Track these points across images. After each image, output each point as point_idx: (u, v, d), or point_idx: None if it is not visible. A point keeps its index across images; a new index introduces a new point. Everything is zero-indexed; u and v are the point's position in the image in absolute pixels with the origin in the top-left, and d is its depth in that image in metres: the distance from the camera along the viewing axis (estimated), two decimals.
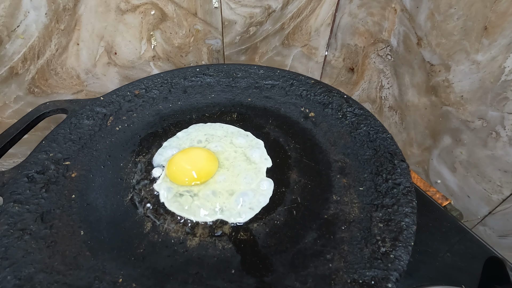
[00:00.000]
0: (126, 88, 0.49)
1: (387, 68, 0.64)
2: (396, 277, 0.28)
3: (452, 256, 0.34)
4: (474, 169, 0.54)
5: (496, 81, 0.46)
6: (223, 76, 0.53)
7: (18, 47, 0.46)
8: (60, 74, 0.52)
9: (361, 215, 0.34)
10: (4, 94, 0.49)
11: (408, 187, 0.34)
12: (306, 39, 0.71)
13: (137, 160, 0.41)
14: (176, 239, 0.32)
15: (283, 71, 0.52)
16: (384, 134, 0.41)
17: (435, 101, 0.56)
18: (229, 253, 0.31)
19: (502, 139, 0.49)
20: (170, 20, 0.54)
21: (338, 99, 0.47)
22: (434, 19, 0.52)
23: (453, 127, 0.55)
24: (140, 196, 0.36)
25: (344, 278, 0.29)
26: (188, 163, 0.38)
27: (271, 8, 0.61)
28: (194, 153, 0.39)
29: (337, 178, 0.38)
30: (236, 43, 0.64)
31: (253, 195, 0.36)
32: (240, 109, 0.49)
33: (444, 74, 0.53)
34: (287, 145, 0.43)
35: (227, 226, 0.33)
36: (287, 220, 0.34)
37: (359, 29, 0.67)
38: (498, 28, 0.44)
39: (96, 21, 0.49)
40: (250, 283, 0.29)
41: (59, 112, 0.46)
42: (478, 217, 0.57)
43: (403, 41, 0.59)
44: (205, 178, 0.37)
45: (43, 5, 0.44)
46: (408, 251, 0.29)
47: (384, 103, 0.68)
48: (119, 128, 0.45)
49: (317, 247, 0.31)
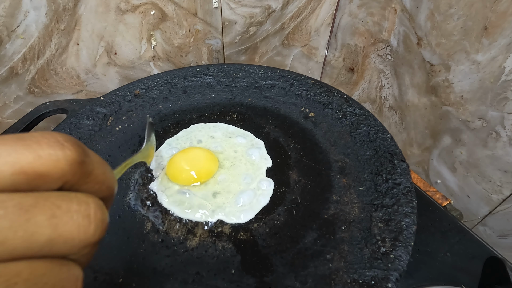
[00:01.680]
0: (126, 88, 0.49)
1: (387, 68, 0.64)
2: (396, 277, 0.28)
3: (452, 256, 0.34)
4: (474, 169, 0.54)
5: (496, 81, 0.46)
6: (223, 76, 0.53)
7: (18, 47, 0.46)
8: (60, 74, 0.52)
9: (361, 215, 0.34)
10: (4, 94, 0.49)
11: (408, 187, 0.34)
12: (306, 39, 0.71)
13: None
14: (176, 239, 0.32)
15: (283, 71, 0.52)
16: (384, 134, 0.41)
17: (435, 101, 0.56)
18: (229, 253, 0.31)
19: (502, 139, 0.49)
20: (170, 20, 0.54)
21: (338, 99, 0.47)
22: (434, 19, 0.52)
23: (453, 127, 0.55)
24: (140, 196, 0.36)
25: (344, 278, 0.29)
26: (189, 163, 0.38)
27: (271, 8, 0.61)
28: (194, 153, 0.39)
29: (337, 178, 0.38)
30: (236, 43, 0.64)
31: (253, 195, 0.36)
32: (240, 109, 0.49)
33: (444, 74, 0.53)
34: (287, 145, 0.43)
35: (227, 226, 0.33)
36: (287, 220, 0.34)
37: (359, 29, 0.67)
38: (498, 28, 0.44)
39: (96, 21, 0.49)
40: (250, 283, 0.29)
41: (59, 112, 0.46)
42: (478, 217, 0.57)
43: (403, 41, 0.59)
44: (205, 178, 0.37)
45: (43, 5, 0.44)
46: (408, 251, 0.29)
47: (384, 103, 0.68)
48: (119, 128, 0.45)
49: (317, 247, 0.31)
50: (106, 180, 0.15)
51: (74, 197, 0.13)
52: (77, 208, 0.13)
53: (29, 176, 0.12)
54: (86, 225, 0.13)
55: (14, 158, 0.12)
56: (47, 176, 0.12)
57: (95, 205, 0.14)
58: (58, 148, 0.13)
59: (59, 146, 0.13)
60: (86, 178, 0.14)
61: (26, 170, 0.12)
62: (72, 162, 0.13)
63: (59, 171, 0.13)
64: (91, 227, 0.13)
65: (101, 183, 0.15)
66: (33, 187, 0.12)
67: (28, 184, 0.12)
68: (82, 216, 0.13)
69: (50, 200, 0.12)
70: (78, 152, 0.13)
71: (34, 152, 0.12)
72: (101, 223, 0.13)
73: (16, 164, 0.12)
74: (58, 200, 0.13)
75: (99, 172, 0.15)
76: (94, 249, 0.14)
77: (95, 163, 0.14)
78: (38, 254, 0.12)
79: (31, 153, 0.12)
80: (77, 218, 0.13)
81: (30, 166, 0.12)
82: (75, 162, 0.13)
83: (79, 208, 0.13)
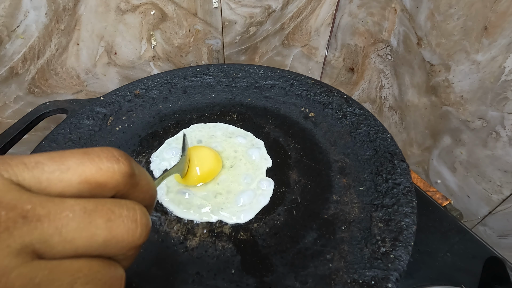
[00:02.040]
0: (126, 88, 0.49)
1: (387, 68, 0.64)
2: (396, 277, 0.28)
3: (452, 256, 0.35)
4: (474, 169, 0.54)
5: (496, 81, 0.46)
6: (223, 76, 0.53)
7: (18, 47, 0.46)
8: (60, 74, 0.52)
9: (361, 215, 0.34)
10: (4, 94, 0.49)
11: (408, 187, 0.34)
12: (306, 39, 0.71)
13: (137, 160, 0.41)
14: (176, 239, 0.32)
15: (283, 71, 0.52)
16: (384, 134, 0.41)
17: (435, 101, 0.56)
18: (229, 253, 0.31)
19: (502, 139, 0.49)
20: (170, 20, 0.54)
21: (338, 99, 0.47)
22: (434, 19, 0.52)
23: (453, 127, 0.55)
24: None
25: (344, 278, 0.29)
26: (195, 163, 0.37)
27: (271, 8, 0.61)
28: (201, 153, 0.39)
29: (337, 178, 0.38)
30: (236, 43, 0.64)
31: (253, 195, 0.36)
32: (240, 109, 0.49)
33: (444, 74, 0.53)
34: (287, 145, 0.43)
35: (227, 226, 0.33)
36: (287, 220, 0.34)
37: (359, 29, 0.67)
38: (498, 28, 0.44)
39: (96, 21, 0.49)
40: (250, 283, 0.29)
41: (59, 112, 0.46)
42: (478, 217, 0.57)
43: (403, 41, 0.59)
44: (209, 178, 0.37)
45: (43, 5, 0.44)
46: (408, 251, 0.29)
47: (384, 103, 0.68)
48: (119, 128, 0.45)
49: (317, 247, 0.31)
50: (149, 190, 0.17)
51: (124, 204, 0.15)
52: (127, 213, 0.15)
53: (91, 185, 0.14)
54: (134, 229, 0.15)
55: (81, 170, 0.14)
56: (105, 186, 0.15)
57: (141, 211, 0.15)
58: (114, 162, 0.15)
59: (115, 160, 0.15)
60: (134, 188, 0.16)
61: (89, 180, 0.14)
62: (125, 175, 0.15)
63: (115, 181, 0.15)
64: (137, 231, 0.15)
65: (146, 193, 0.17)
66: (93, 195, 0.14)
67: (89, 192, 0.14)
68: (131, 221, 0.15)
69: (107, 205, 0.14)
70: (130, 166, 0.15)
71: (96, 165, 0.14)
72: (145, 227, 0.15)
73: (82, 175, 0.14)
74: (112, 206, 0.14)
75: (144, 183, 0.17)
76: (137, 251, 0.16)
77: (141, 175, 0.16)
78: (95, 253, 0.14)
79: (94, 166, 0.14)
80: (127, 222, 0.14)
81: (93, 176, 0.14)
82: (127, 174, 0.15)
83: (128, 214, 0.15)
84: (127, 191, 0.16)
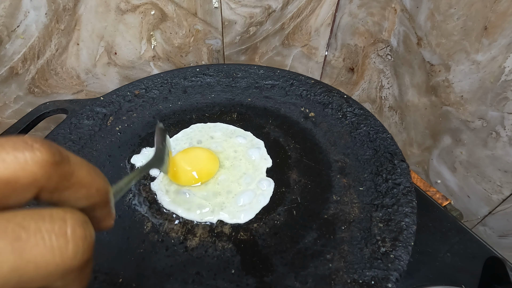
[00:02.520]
0: (126, 88, 0.49)
1: (387, 68, 0.64)
2: (396, 277, 0.28)
3: (452, 256, 0.34)
4: (474, 169, 0.54)
5: (496, 81, 0.46)
6: (223, 76, 0.53)
7: (18, 47, 0.46)
8: (60, 74, 0.52)
9: (361, 215, 0.34)
10: (4, 94, 0.49)
11: (408, 187, 0.34)
12: (306, 39, 0.71)
13: None
14: (176, 239, 0.32)
15: (283, 71, 0.52)
16: (384, 134, 0.41)
17: (435, 101, 0.56)
18: (229, 253, 0.31)
19: (502, 139, 0.49)
20: (170, 20, 0.54)
21: (338, 99, 0.47)
22: (434, 19, 0.52)
23: (453, 127, 0.55)
24: (140, 196, 0.36)
25: (344, 278, 0.29)
26: (190, 164, 0.38)
27: (271, 8, 0.61)
28: (195, 153, 0.39)
29: (337, 178, 0.38)
30: (236, 43, 0.64)
31: (253, 195, 0.36)
32: (240, 109, 0.49)
33: (444, 74, 0.53)
34: (287, 145, 0.43)
35: (227, 226, 0.33)
36: (287, 220, 0.34)
37: (359, 29, 0.67)
38: (498, 28, 0.44)
39: (96, 21, 0.49)
40: (250, 283, 0.29)
41: (59, 112, 0.46)
42: (478, 217, 0.57)
43: (403, 41, 0.58)
44: (206, 178, 0.37)
45: (43, 5, 0.44)
46: (408, 251, 0.29)
47: (384, 103, 0.68)
48: (119, 128, 0.45)
49: (317, 247, 0.31)
50: (93, 182, 0.13)
51: (46, 214, 0.11)
52: (49, 226, 0.11)
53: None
54: (62, 246, 0.11)
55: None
56: (15, 183, 0.11)
57: (74, 220, 0.12)
58: (25, 150, 0.11)
59: (27, 147, 0.11)
60: (67, 181, 0.12)
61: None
62: (44, 164, 0.11)
63: (29, 174, 0.11)
64: (68, 248, 0.11)
65: (88, 186, 0.13)
66: (0, 199, 0.11)
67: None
68: (57, 236, 0.11)
69: (14, 220, 0.10)
70: (51, 152, 0.11)
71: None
72: (81, 241, 0.11)
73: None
74: (24, 220, 0.11)
75: (82, 174, 0.13)
76: (83, 274, 0.12)
77: (75, 164, 0.13)
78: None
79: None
80: (49, 239, 0.11)
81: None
82: (48, 163, 0.11)
83: (52, 227, 0.11)
84: (56, 187, 0.12)
